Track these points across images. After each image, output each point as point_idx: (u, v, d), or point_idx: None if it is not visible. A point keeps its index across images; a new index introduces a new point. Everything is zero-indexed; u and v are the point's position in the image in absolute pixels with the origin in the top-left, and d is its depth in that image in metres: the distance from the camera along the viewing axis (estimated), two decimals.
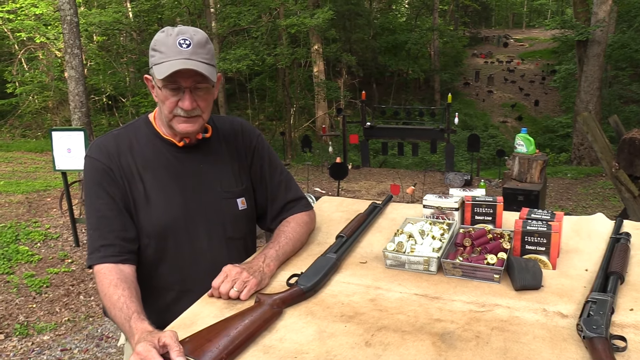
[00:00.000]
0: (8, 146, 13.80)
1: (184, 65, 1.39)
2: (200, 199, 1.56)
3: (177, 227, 1.52)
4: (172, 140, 1.56)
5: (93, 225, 1.47)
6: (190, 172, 1.57)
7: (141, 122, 1.61)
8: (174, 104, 1.45)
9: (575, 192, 9.21)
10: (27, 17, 16.05)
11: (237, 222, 1.63)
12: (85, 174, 1.53)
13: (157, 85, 1.46)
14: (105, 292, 1.37)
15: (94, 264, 1.43)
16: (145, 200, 1.51)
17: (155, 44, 1.44)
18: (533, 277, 1.29)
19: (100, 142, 1.55)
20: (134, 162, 1.52)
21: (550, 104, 25.32)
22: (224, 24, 16.28)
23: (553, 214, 1.49)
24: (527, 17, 45.93)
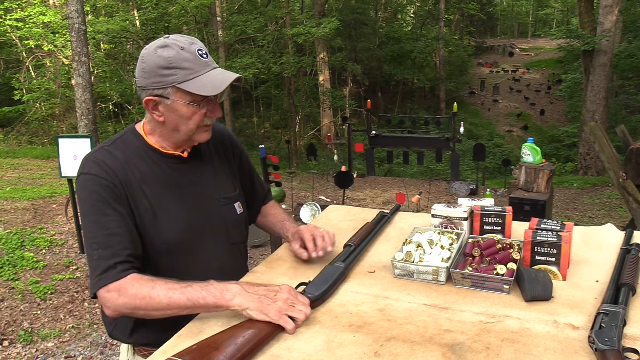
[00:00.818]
0: (15, 152, 13.86)
1: (227, 75, 1.41)
2: (203, 208, 1.55)
3: (186, 240, 1.50)
4: (171, 153, 1.52)
5: (102, 244, 1.36)
6: (189, 182, 1.54)
7: (130, 135, 1.53)
8: (201, 117, 1.43)
9: (581, 202, 9.17)
10: (35, 25, 16.18)
11: (238, 227, 1.65)
12: (83, 192, 1.42)
13: (181, 102, 1.40)
14: (150, 294, 1.29)
15: (113, 281, 1.32)
16: (153, 216, 1.45)
17: (171, 61, 1.37)
18: (543, 288, 1.28)
19: (95, 157, 1.45)
20: (133, 178, 1.45)
21: (556, 114, 25.29)
22: (230, 32, 16.38)
23: (563, 224, 1.48)
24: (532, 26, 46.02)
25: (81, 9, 8.03)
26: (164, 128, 1.47)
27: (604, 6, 12.03)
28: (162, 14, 16.98)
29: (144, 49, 1.43)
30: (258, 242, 6.15)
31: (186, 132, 1.45)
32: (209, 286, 1.29)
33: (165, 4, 16.08)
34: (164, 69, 1.38)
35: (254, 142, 19.47)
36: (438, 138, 11.36)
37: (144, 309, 1.31)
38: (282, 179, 8.14)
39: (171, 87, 1.38)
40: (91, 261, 1.37)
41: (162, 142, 1.51)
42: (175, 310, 1.29)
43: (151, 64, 1.39)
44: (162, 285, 1.31)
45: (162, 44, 1.40)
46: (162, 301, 1.29)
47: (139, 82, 1.43)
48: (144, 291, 1.30)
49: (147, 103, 1.43)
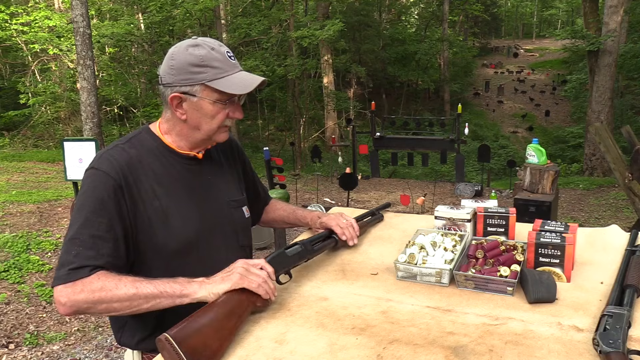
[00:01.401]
0: (20, 156, 13.91)
1: (255, 77, 1.46)
2: (215, 211, 1.56)
3: (198, 241, 1.50)
4: (186, 154, 1.53)
5: (85, 244, 1.33)
6: (202, 184, 1.55)
7: (144, 135, 1.53)
8: (225, 116, 1.47)
9: (587, 203, 9.12)
10: (40, 29, 16.27)
11: (246, 230, 1.67)
12: (88, 185, 1.41)
13: (208, 100, 1.42)
14: (116, 285, 1.29)
15: (80, 278, 1.30)
16: (164, 217, 1.45)
17: (203, 59, 1.41)
18: (547, 289, 1.27)
19: (110, 154, 1.44)
20: (146, 177, 1.45)
21: (561, 114, 25.20)
22: (234, 35, 16.41)
23: (567, 225, 1.47)
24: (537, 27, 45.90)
25: (86, 13, 8.05)
26: (185, 126, 1.48)
27: (609, 6, 11.99)
28: (167, 18, 17.03)
29: (174, 47, 1.46)
30: (263, 244, 6.15)
31: (207, 131, 1.47)
32: (177, 279, 1.32)
33: (170, 7, 16.14)
34: (195, 67, 1.41)
35: (259, 144, 19.50)
36: (443, 139, 11.34)
37: (107, 302, 1.29)
38: (287, 181, 8.15)
39: (199, 85, 1.41)
40: (67, 254, 1.33)
41: (179, 142, 1.52)
42: (141, 301, 1.29)
43: (182, 61, 1.42)
44: (129, 278, 1.32)
45: (193, 44, 1.43)
46: (128, 291, 1.28)
47: (165, 79, 1.44)
48: (110, 283, 1.29)
49: (172, 100, 1.43)
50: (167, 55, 1.47)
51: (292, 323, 1.26)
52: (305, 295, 1.39)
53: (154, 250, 1.44)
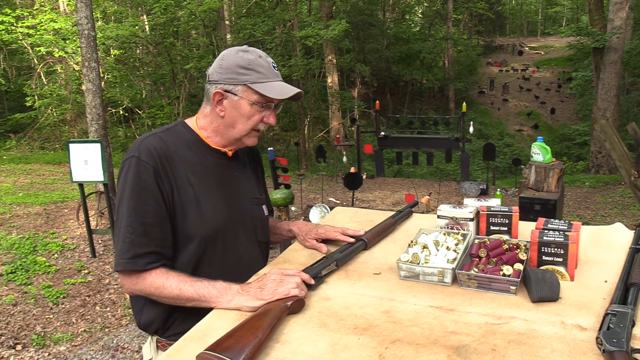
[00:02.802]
0: (27, 158, 13.99)
1: (292, 87, 1.56)
2: (240, 204, 1.66)
3: (225, 230, 1.59)
4: (218, 149, 1.63)
5: (138, 231, 1.47)
6: (230, 179, 1.66)
7: (180, 127, 1.63)
8: (259, 119, 1.57)
9: (593, 201, 9.08)
10: (46, 31, 16.33)
11: (264, 227, 1.76)
12: (129, 174, 1.49)
13: (247, 100, 1.53)
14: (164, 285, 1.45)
15: (138, 270, 1.46)
16: (196, 204, 1.54)
17: (250, 63, 1.52)
18: (550, 288, 1.27)
19: (148, 142, 1.53)
20: (181, 166, 1.54)
21: (566, 112, 25.09)
22: (239, 35, 16.42)
23: (570, 223, 1.46)
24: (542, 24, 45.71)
25: (91, 15, 8.07)
26: (221, 123, 1.58)
27: (614, 3, 11.92)
28: (171, 19, 17.07)
29: (225, 51, 1.59)
30: None
31: (241, 130, 1.57)
32: (216, 283, 1.43)
33: (174, 9, 16.16)
34: (242, 68, 1.52)
35: (264, 144, 19.50)
36: (447, 138, 11.32)
37: (156, 296, 1.48)
38: (292, 181, 8.14)
39: (242, 85, 1.52)
40: (122, 242, 1.46)
41: (213, 137, 1.62)
42: (182, 301, 1.45)
43: (231, 62, 1.53)
44: (175, 277, 1.47)
45: (244, 49, 1.57)
46: (172, 292, 1.45)
47: (212, 77, 1.56)
48: (159, 282, 1.46)
49: (214, 95, 1.54)
50: (218, 56, 1.59)
51: (294, 323, 1.26)
52: (308, 295, 1.38)
53: (184, 234, 1.54)
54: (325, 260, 1.52)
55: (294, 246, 1.76)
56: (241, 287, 1.41)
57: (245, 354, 1.09)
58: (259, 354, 1.12)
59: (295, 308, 1.30)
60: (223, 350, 1.10)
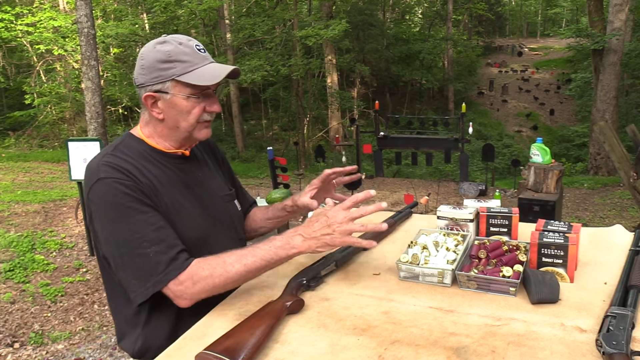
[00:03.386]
0: (26, 156, 13.98)
1: (224, 66, 1.43)
2: (213, 206, 1.57)
3: (205, 238, 1.51)
4: (175, 153, 1.52)
5: (154, 240, 1.33)
6: (196, 182, 1.55)
7: (128, 140, 1.50)
8: (201, 111, 1.45)
9: (592, 202, 9.08)
10: (45, 29, 16.31)
11: (241, 223, 1.70)
12: (108, 197, 1.34)
13: (180, 95, 1.41)
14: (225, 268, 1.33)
15: (181, 271, 1.32)
16: (176, 214, 1.44)
17: (170, 55, 1.39)
18: (550, 290, 1.27)
19: (107, 162, 1.39)
20: (148, 180, 1.42)
21: (565, 113, 25.11)
22: (238, 35, 16.42)
23: (570, 225, 1.46)
24: (541, 26, 45.75)
25: (90, 13, 8.07)
26: (164, 126, 1.47)
27: (614, 5, 11.93)
28: (171, 18, 17.05)
29: (144, 48, 1.45)
30: None
31: (187, 127, 1.45)
32: (274, 241, 1.36)
33: (174, 7, 16.15)
34: (163, 63, 1.40)
35: (263, 144, 19.50)
36: (447, 139, 11.31)
37: (222, 286, 1.34)
38: (291, 181, 8.15)
39: (170, 81, 1.40)
40: (147, 261, 1.32)
41: (164, 143, 1.50)
42: (252, 274, 1.36)
43: (150, 59, 1.41)
44: (231, 257, 1.35)
45: (160, 41, 1.43)
46: (239, 270, 1.33)
47: (138, 81, 1.44)
48: (218, 269, 1.33)
49: (146, 100, 1.42)
50: (138, 56, 1.45)
51: (293, 323, 1.26)
52: (307, 296, 1.38)
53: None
54: (325, 260, 1.51)
55: None
56: (302, 232, 1.35)
57: (244, 354, 1.08)
58: (258, 354, 1.12)
59: (294, 308, 1.30)
60: (222, 350, 1.09)
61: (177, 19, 17.63)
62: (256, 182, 12.06)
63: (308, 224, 1.37)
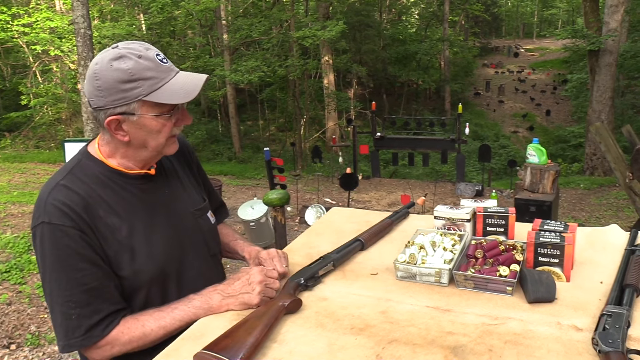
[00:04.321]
0: (22, 157, 13.95)
1: (196, 77, 1.31)
2: (181, 226, 1.46)
3: (172, 266, 1.42)
4: (137, 173, 1.39)
5: (81, 302, 1.25)
6: (160, 201, 1.43)
7: (85, 161, 1.37)
8: (171, 127, 1.33)
9: (588, 202, 9.12)
10: (42, 30, 16.29)
11: (215, 237, 1.60)
12: (45, 245, 1.25)
13: (149, 115, 1.28)
14: (144, 333, 1.30)
15: (101, 338, 1.27)
16: (129, 252, 1.33)
17: (133, 73, 1.23)
18: (547, 289, 1.27)
19: (53, 199, 1.27)
20: (100, 213, 1.31)
21: (562, 114, 25.19)
22: (235, 36, 16.42)
23: (566, 225, 1.47)
24: (537, 27, 45.87)
25: (87, 14, 8.06)
26: (129, 148, 1.34)
27: (609, 6, 11.98)
28: (168, 19, 17.04)
29: (94, 64, 1.26)
30: (264, 245, 6.14)
31: (155, 147, 1.34)
32: (192, 301, 1.34)
33: (171, 8, 16.15)
34: (126, 83, 1.24)
35: (260, 145, 19.51)
36: (443, 139, 11.33)
37: (139, 348, 1.32)
38: (287, 182, 8.15)
39: (136, 102, 1.25)
40: (67, 320, 1.25)
41: (126, 163, 1.37)
42: (170, 335, 1.31)
43: (108, 80, 1.24)
44: (149, 320, 1.32)
45: (116, 56, 1.25)
46: (157, 334, 1.31)
47: (94, 103, 1.27)
48: (137, 333, 1.30)
49: (109, 124, 1.28)
50: (88, 73, 1.28)
51: (291, 323, 1.26)
52: (305, 295, 1.38)
53: (128, 285, 1.36)
54: (322, 260, 1.51)
55: (291, 246, 1.76)
56: (222, 290, 1.34)
57: (243, 354, 1.09)
58: (256, 354, 1.12)
59: (292, 308, 1.30)
60: (220, 350, 1.10)
61: (174, 20, 17.63)
62: (253, 183, 12.06)
63: (229, 282, 1.36)
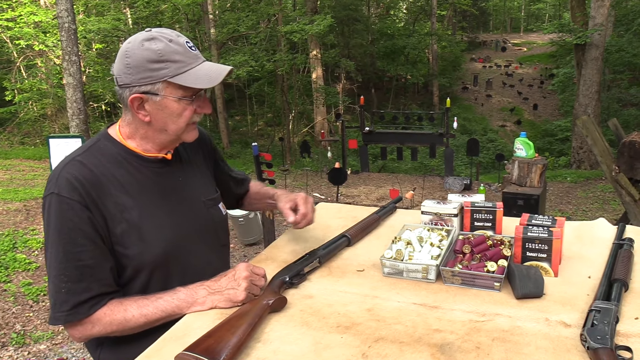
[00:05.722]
0: (6, 154, 13.76)
1: (221, 67, 1.35)
2: (192, 213, 1.48)
3: (178, 249, 1.43)
4: (154, 157, 1.43)
5: (73, 277, 1.28)
6: (173, 186, 1.46)
7: (104, 141, 1.41)
8: (192, 113, 1.36)
9: (575, 195, 9.17)
10: (26, 24, 16.06)
11: (224, 228, 1.62)
12: (52, 215, 1.29)
13: (172, 97, 1.32)
14: (125, 317, 1.30)
15: (85, 317, 1.29)
16: (137, 231, 1.36)
17: (162, 54, 1.29)
18: (535, 285, 1.26)
19: (67, 173, 1.31)
20: (112, 190, 1.34)
21: (549, 108, 25.33)
22: (223, 30, 16.30)
23: (554, 219, 1.46)
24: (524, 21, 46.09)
25: (71, 7, 7.96)
26: (150, 129, 1.38)
27: (595, 0, 12.03)
28: (155, 13, 16.88)
29: (127, 43, 1.33)
30: (253, 240, 6.12)
31: (175, 131, 1.37)
32: (178, 293, 1.33)
33: (157, 2, 15.98)
34: (154, 63, 1.29)
35: (248, 140, 19.42)
36: (432, 134, 11.33)
37: (120, 332, 1.33)
38: (276, 177, 8.11)
39: (162, 82, 1.30)
40: (57, 293, 1.28)
41: (145, 145, 1.41)
42: (151, 325, 1.32)
43: (138, 58, 1.29)
44: (132, 305, 1.32)
45: (148, 37, 1.31)
46: (138, 321, 1.31)
47: (121, 80, 1.32)
48: (119, 316, 1.31)
49: (132, 102, 1.32)
50: (120, 52, 1.33)
51: (275, 322, 1.24)
52: (290, 293, 1.36)
53: (130, 266, 1.37)
54: (308, 257, 1.49)
55: (277, 242, 1.73)
56: (208, 286, 1.33)
57: (225, 354, 1.06)
58: (239, 354, 1.10)
59: (276, 306, 1.28)
60: (202, 351, 1.07)
61: (160, 14, 17.46)
62: None
63: (216, 278, 1.35)
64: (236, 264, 1.41)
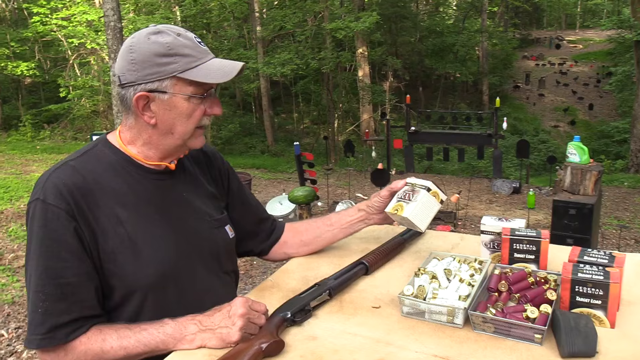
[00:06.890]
0: (60, 148, 14.18)
1: (233, 62, 1.23)
2: (194, 232, 1.31)
3: (176, 271, 1.26)
4: (156, 166, 1.29)
5: (53, 296, 1.13)
6: (176, 202, 1.31)
7: (101, 147, 1.28)
8: (202, 114, 1.23)
9: (632, 202, 8.63)
10: (79, 23, 16.51)
11: (230, 252, 1.44)
12: (35, 223, 1.15)
13: (181, 95, 1.19)
14: (102, 349, 1.15)
15: (60, 344, 1.14)
16: (131, 249, 1.20)
17: (170, 47, 1.17)
18: (585, 340, 1.01)
19: (56, 178, 1.18)
20: (105, 200, 1.20)
21: (605, 108, 24.25)
22: (269, 27, 16.27)
23: (612, 256, 1.20)
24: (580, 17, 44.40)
25: (117, 6, 8.05)
26: (154, 132, 1.24)
27: None
28: (202, 11, 17.02)
29: (130, 39, 1.20)
30: None
31: (182, 134, 1.23)
32: (165, 326, 1.16)
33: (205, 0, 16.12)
34: (162, 57, 1.17)
35: (293, 137, 19.38)
36: (480, 134, 10.95)
37: None
38: (319, 176, 7.95)
39: (170, 78, 1.18)
40: (34, 312, 1.13)
41: (147, 152, 1.27)
42: (132, 358, 1.16)
43: (145, 52, 1.17)
44: (113, 335, 1.16)
45: (154, 31, 1.20)
46: (117, 354, 1.15)
47: (125, 78, 1.19)
48: (95, 346, 1.15)
49: (137, 101, 1.18)
50: (122, 48, 1.21)
51: None
52: (291, 333, 1.17)
53: (121, 287, 1.22)
54: (318, 288, 1.29)
55: (287, 266, 1.54)
56: (200, 321, 1.16)
57: None
58: None
59: (271, 351, 1.09)
60: None
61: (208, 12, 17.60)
62: (285, 177, 11.92)
63: (210, 313, 1.18)
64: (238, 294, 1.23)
